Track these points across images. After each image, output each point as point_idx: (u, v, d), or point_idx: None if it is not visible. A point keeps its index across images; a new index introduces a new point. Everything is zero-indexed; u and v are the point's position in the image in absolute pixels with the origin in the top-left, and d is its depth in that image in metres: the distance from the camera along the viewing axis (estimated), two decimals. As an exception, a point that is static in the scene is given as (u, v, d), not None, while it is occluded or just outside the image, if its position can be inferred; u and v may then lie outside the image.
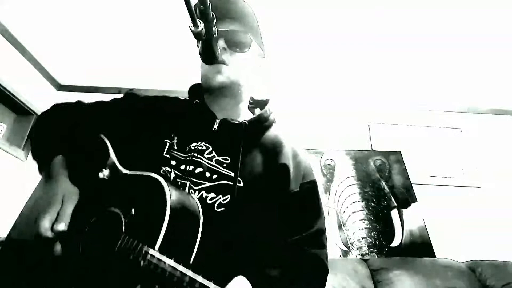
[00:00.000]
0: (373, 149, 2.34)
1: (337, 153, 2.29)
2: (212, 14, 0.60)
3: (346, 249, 1.90)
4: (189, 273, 0.51)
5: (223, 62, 0.77)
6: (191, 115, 0.82)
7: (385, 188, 2.15)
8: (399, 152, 2.30)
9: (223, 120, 0.80)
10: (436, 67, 2.19)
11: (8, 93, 2.09)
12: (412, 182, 2.17)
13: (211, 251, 0.61)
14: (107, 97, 0.92)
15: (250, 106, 0.94)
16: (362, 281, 1.54)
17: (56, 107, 0.87)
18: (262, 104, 0.94)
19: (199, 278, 0.51)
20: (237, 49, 0.81)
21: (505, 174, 2.23)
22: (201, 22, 0.60)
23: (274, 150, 0.80)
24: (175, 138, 0.77)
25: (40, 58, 2.29)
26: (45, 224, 0.60)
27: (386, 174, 2.21)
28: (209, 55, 0.71)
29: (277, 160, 0.78)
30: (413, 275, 1.56)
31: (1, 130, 2.16)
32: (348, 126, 2.42)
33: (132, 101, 0.89)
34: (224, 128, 0.79)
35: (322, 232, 0.75)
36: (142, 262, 0.52)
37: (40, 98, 2.34)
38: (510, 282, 1.51)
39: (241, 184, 0.71)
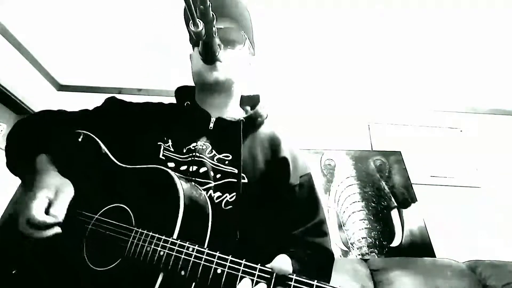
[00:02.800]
0: (373, 149, 2.34)
1: (337, 153, 2.29)
2: (212, 14, 0.60)
3: (346, 249, 1.90)
4: (217, 253, 0.52)
5: (218, 60, 0.77)
6: (183, 116, 0.82)
7: (385, 188, 2.15)
8: (399, 152, 2.30)
9: (218, 118, 0.80)
10: (436, 67, 2.19)
11: (8, 93, 2.09)
12: (412, 182, 2.17)
13: (222, 248, 0.62)
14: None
15: (240, 103, 0.94)
16: (362, 281, 1.54)
17: (34, 116, 0.86)
18: (252, 100, 0.94)
19: (229, 257, 0.51)
20: (231, 46, 0.82)
21: (505, 174, 2.23)
22: (201, 22, 0.60)
23: (272, 145, 0.82)
24: (169, 140, 0.76)
25: (40, 58, 2.29)
26: (38, 208, 0.58)
27: (386, 174, 2.21)
28: (209, 55, 0.71)
29: (277, 154, 0.80)
30: (413, 275, 1.56)
31: (1, 130, 2.16)
32: (348, 126, 2.42)
33: (114, 106, 0.88)
34: (221, 126, 0.79)
35: (323, 221, 0.78)
36: (162, 252, 0.53)
37: (40, 98, 2.34)
38: (510, 282, 1.51)
39: (246, 180, 0.72)
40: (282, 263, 0.49)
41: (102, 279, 0.56)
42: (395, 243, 1.92)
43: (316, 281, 0.46)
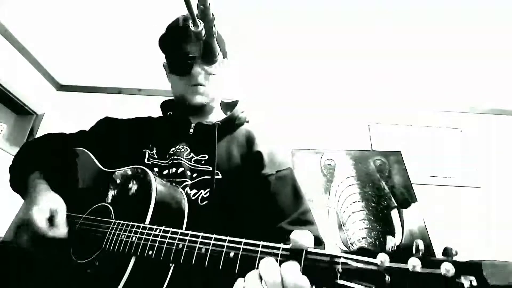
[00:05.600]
0: (373, 149, 2.34)
1: (337, 153, 2.29)
2: (212, 14, 0.60)
3: (346, 249, 1.90)
4: (183, 231, 0.54)
5: (201, 84, 0.84)
6: (167, 126, 0.90)
7: (385, 188, 2.15)
8: (399, 152, 2.30)
9: (197, 123, 0.87)
10: (436, 67, 2.18)
11: (8, 93, 2.09)
12: (412, 182, 2.17)
13: None
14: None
15: (222, 108, 1.01)
16: (362, 281, 1.54)
17: (36, 138, 0.95)
18: (232, 106, 1.01)
19: (199, 233, 0.52)
20: (210, 63, 0.81)
21: (505, 174, 2.23)
22: (201, 22, 0.60)
23: (248, 141, 0.86)
24: (154, 148, 0.82)
25: (40, 58, 2.29)
26: (42, 224, 0.64)
27: (386, 174, 2.21)
28: (209, 55, 0.71)
29: (252, 149, 0.84)
30: (413, 275, 1.56)
31: (1, 130, 2.16)
32: (348, 126, 2.42)
33: (107, 124, 0.97)
34: (200, 130, 0.85)
35: (308, 210, 0.79)
36: (134, 237, 0.57)
37: (40, 98, 2.34)
38: (510, 282, 1.51)
39: (220, 176, 0.76)
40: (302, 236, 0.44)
41: (83, 270, 0.60)
42: (395, 243, 1.92)
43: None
